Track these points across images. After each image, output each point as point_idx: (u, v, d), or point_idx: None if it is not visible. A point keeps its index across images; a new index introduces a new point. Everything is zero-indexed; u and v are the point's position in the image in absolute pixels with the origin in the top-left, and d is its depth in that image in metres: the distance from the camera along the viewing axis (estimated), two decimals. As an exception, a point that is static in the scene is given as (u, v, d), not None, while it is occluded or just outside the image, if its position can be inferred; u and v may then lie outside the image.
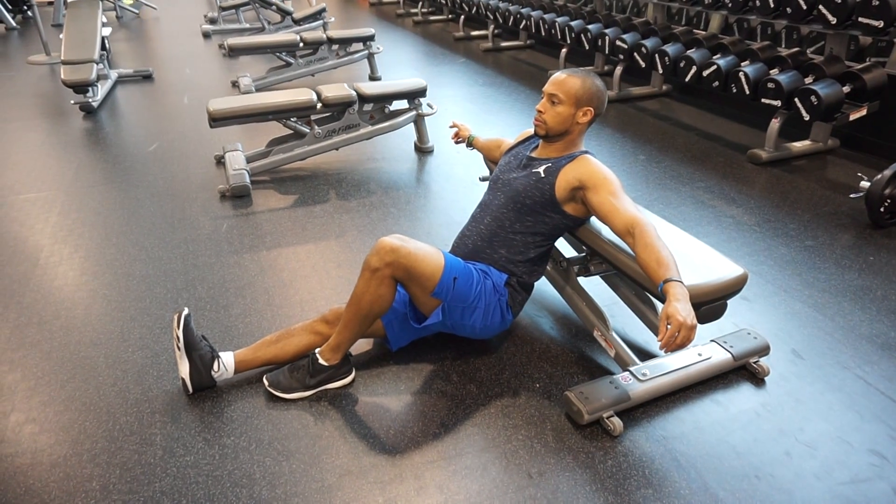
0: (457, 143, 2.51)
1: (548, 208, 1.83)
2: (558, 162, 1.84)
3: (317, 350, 1.82)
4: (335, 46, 5.42)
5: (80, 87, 4.55)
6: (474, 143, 2.43)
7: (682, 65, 3.97)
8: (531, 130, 2.00)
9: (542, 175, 1.83)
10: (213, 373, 1.80)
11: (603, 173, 1.76)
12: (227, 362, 1.83)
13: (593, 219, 1.92)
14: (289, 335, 1.89)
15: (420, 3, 9.08)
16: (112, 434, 1.69)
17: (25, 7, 8.98)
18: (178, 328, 1.77)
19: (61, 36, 4.94)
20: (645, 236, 1.59)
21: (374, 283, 1.68)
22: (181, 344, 1.77)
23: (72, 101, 4.68)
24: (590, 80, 1.82)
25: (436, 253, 1.75)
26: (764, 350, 1.90)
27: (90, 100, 4.65)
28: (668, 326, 1.40)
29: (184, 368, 1.78)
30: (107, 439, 1.68)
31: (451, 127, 2.54)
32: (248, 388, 1.85)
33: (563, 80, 1.82)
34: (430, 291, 1.73)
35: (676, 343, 1.39)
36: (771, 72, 3.51)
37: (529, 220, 1.85)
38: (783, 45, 4.41)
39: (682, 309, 1.41)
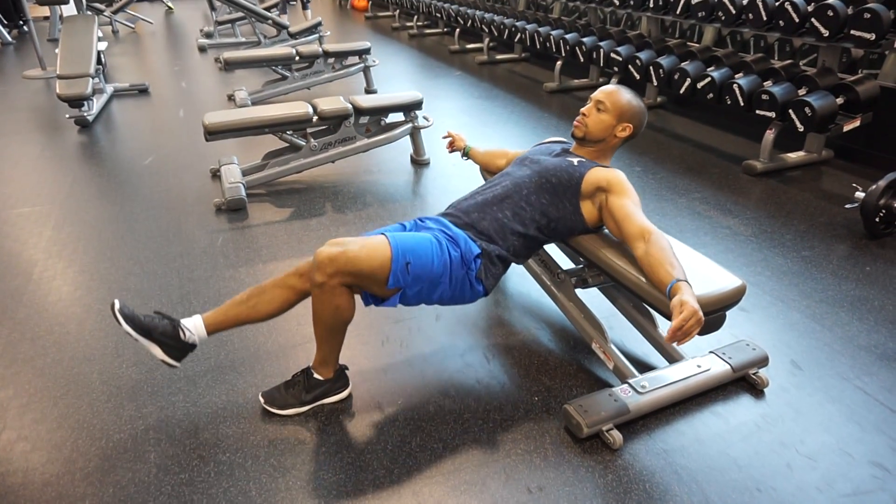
0: (451, 151, 2.51)
1: (568, 195, 1.83)
2: (592, 163, 1.89)
3: (310, 365, 1.80)
4: (331, 60, 5.44)
5: (76, 102, 4.55)
6: (471, 154, 2.42)
7: (676, 77, 4.00)
8: (556, 138, 2.08)
9: (575, 164, 1.87)
10: (183, 340, 1.73)
11: (628, 186, 1.81)
12: (193, 325, 1.75)
13: (592, 230, 1.91)
14: (260, 292, 1.78)
15: (415, 17, 9.14)
16: (105, 452, 1.67)
17: (21, 21, 9.00)
18: (123, 324, 1.69)
19: (57, 50, 4.94)
20: (660, 241, 1.62)
21: (327, 297, 1.62)
22: (136, 335, 1.70)
23: (67, 116, 4.68)
24: (637, 100, 1.90)
25: (379, 244, 1.64)
26: (763, 361, 1.90)
27: (85, 114, 4.64)
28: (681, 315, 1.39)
29: (156, 352, 1.71)
30: (100, 457, 1.65)
31: (444, 137, 2.53)
32: (243, 404, 1.83)
33: (613, 91, 1.89)
34: (386, 285, 1.64)
35: (685, 329, 1.38)
36: (765, 84, 3.54)
37: (546, 198, 1.84)
38: (776, 58, 4.44)
39: (693, 300, 1.43)
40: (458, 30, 7.46)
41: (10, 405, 1.85)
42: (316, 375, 1.78)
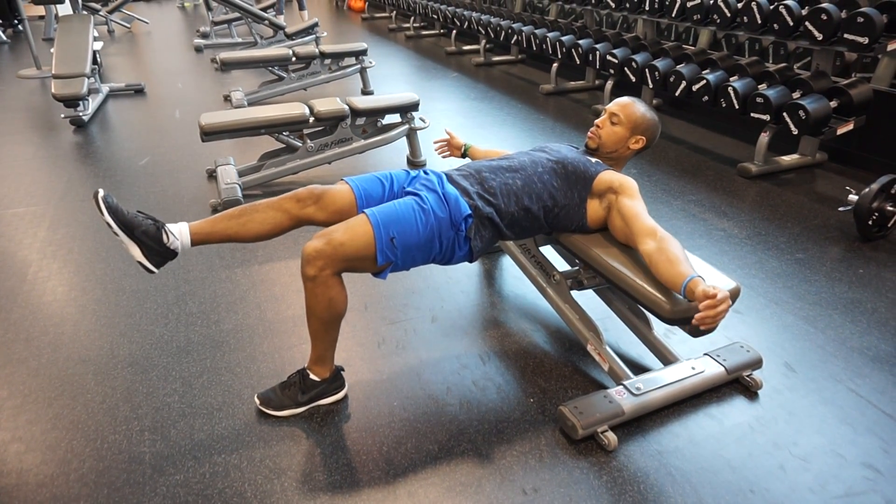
0: (444, 156, 2.49)
1: (579, 186, 1.85)
2: (607, 166, 1.92)
3: (306, 366, 1.80)
4: (327, 61, 5.44)
5: (71, 101, 4.53)
6: (471, 153, 2.40)
7: (671, 79, 4.01)
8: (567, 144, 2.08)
9: (593, 161, 1.90)
10: (166, 244, 1.69)
11: (638, 192, 1.83)
12: (179, 231, 1.72)
13: (586, 231, 1.92)
14: (253, 210, 1.76)
15: (412, 18, 9.15)
16: (100, 453, 1.67)
17: (16, 21, 8.97)
18: (105, 214, 1.63)
19: (52, 50, 4.93)
20: (674, 240, 1.64)
21: (320, 289, 1.62)
22: (116, 229, 1.64)
23: (62, 115, 4.67)
24: (650, 113, 1.94)
25: (360, 223, 1.64)
26: (757, 363, 1.91)
27: (81, 114, 4.63)
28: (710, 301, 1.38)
29: (134, 251, 1.66)
30: (95, 458, 1.65)
31: (436, 142, 2.49)
32: (239, 405, 1.83)
33: (628, 104, 1.93)
34: (376, 263, 1.65)
35: (718, 311, 1.36)
36: (759, 87, 3.55)
37: (557, 182, 1.85)
38: (771, 61, 4.47)
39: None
40: (454, 31, 7.47)
41: (5, 406, 1.84)
42: (312, 376, 1.78)
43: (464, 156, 2.42)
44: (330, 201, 1.83)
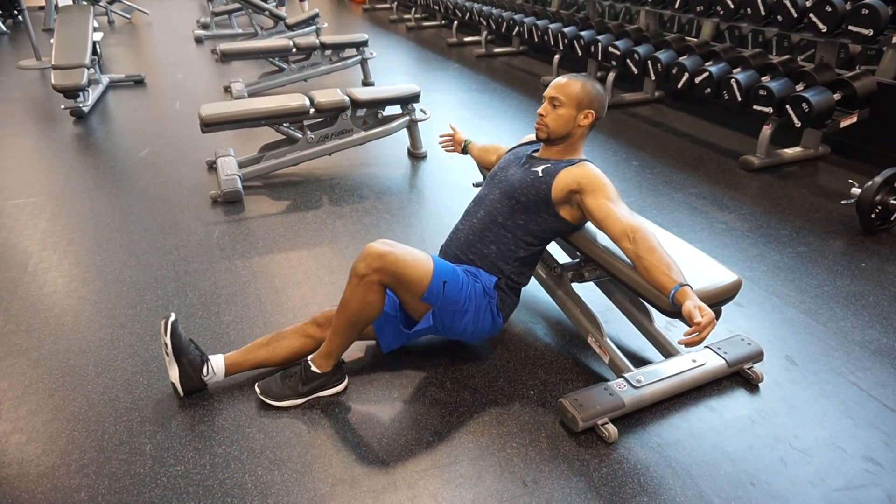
0: (447, 150, 2.48)
1: (542, 208, 1.83)
2: (557, 164, 1.84)
3: (309, 357, 1.80)
4: (328, 52, 5.41)
5: (71, 92, 4.52)
6: (469, 149, 2.41)
7: (674, 71, 3.99)
8: (533, 135, 2.01)
9: (540, 175, 1.83)
10: (202, 376, 1.79)
11: (601, 179, 1.77)
12: (216, 365, 1.82)
13: (588, 224, 1.91)
14: (279, 338, 1.88)
15: (413, 9, 9.10)
16: (101, 444, 1.67)
17: (16, 11, 8.92)
18: (166, 335, 1.77)
19: (52, 40, 4.91)
20: (647, 241, 1.61)
21: (363, 290, 1.66)
22: (170, 350, 1.76)
23: (62, 106, 4.65)
24: (590, 83, 1.84)
25: (424, 258, 1.73)
26: (758, 356, 1.90)
27: (81, 105, 4.61)
28: (699, 321, 1.42)
29: (174, 374, 1.77)
30: (95, 449, 1.65)
31: (442, 136, 2.49)
32: (239, 395, 1.83)
33: (564, 83, 1.84)
34: (420, 297, 1.71)
35: (703, 336, 1.41)
36: (762, 79, 3.53)
37: (523, 218, 1.84)
38: (774, 53, 4.44)
39: (705, 306, 1.46)
40: (455, 22, 7.43)
41: (5, 397, 1.84)
42: (314, 368, 1.78)
43: (464, 152, 2.42)
44: None
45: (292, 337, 1.88)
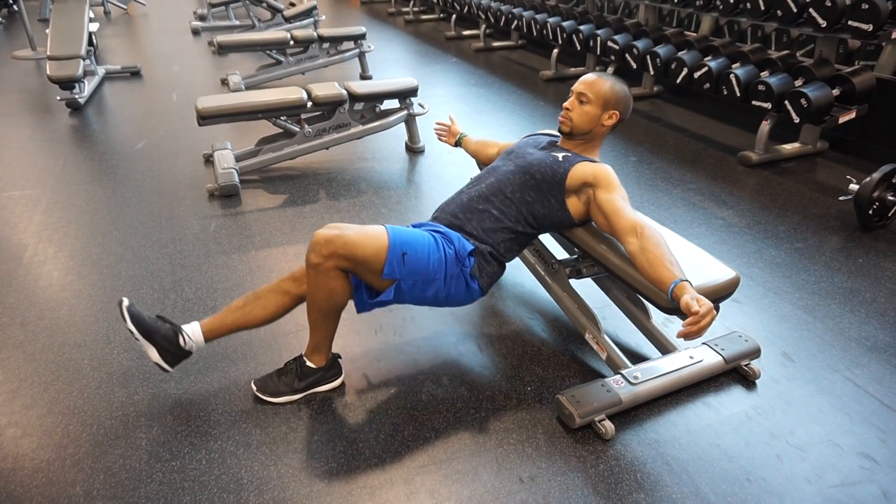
0: (440, 139, 2.46)
1: (552, 192, 1.81)
2: (577, 157, 1.85)
3: (303, 353, 1.79)
4: (326, 45, 5.39)
5: (67, 84, 4.49)
6: (463, 143, 2.38)
7: (673, 66, 3.98)
8: (546, 130, 2.02)
9: (560, 159, 1.84)
10: (182, 347, 1.75)
11: (616, 180, 1.78)
12: (192, 332, 1.76)
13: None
14: (255, 298, 1.80)
15: (411, 2, 9.06)
16: (96, 438, 1.66)
17: (11, 1, 8.85)
18: (128, 322, 1.70)
19: (47, 31, 4.87)
20: (654, 237, 1.60)
21: (322, 279, 1.62)
22: (138, 335, 1.71)
23: (58, 98, 4.62)
24: (619, 85, 1.86)
25: (377, 232, 1.64)
26: (755, 353, 1.90)
27: (77, 96, 4.59)
28: (697, 312, 1.37)
29: (153, 354, 1.73)
30: (91, 443, 1.65)
31: (438, 124, 2.48)
32: (235, 391, 1.83)
33: (594, 80, 1.85)
34: (380, 274, 1.63)
35: (701, 325, 1.36)
36: (761, 74, 3.52)
37: (531, 195, 1.82)
38: (773, 48, 4.43)
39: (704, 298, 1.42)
40: (454, 16, 7.40)
41: (0, 391, 1.83)
42: (309, 363, 1.78)
43: (456, 144, 2.40)
44: None
45: (268, 295, 1.80)
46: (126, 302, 1.73)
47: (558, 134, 1.99)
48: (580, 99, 1.86)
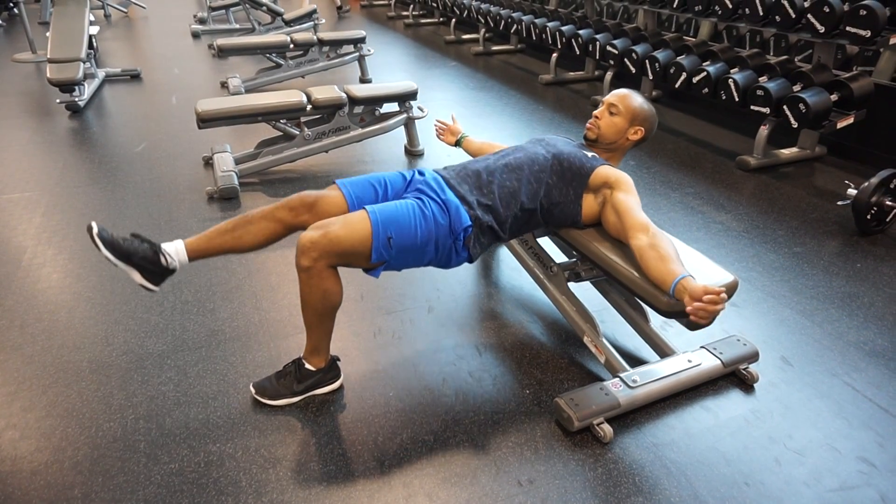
0: (440, 137, 2.46)
1: (574, 182, 1.83)
2: (604, 160, 1.89)
3: (301, 356, 1.80)
4: (325, 48, 5.40)
5: (67, 86, 4.50)
6: (465, 143, 2.38)
7: (671, 71, 3.99)
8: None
9: (589, 157, 1.87)
10: (163, 265, 1.72)
11: (634, 188, 1.81)
12: (175, 251, 1.74)
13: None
14: (247, 222, 1.78)
15: (411, 6, 9.08)
16: (95, 441, 1.66)
17: (11, 4, 8.87)
18: (103, 249, 1.67)
19: (48, 34, 4.88)
20: (665, 237, 1.63)
21: (315, 281, 1.62)
22: (115, 260, 1.68)
23: (58, 101, 4.62)
24: (647, 104, 1.94)
25: (359, 219, 1.63)
26: (753, 357, 1.91)
27: (76, 99, 4.59)
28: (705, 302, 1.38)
29: (135, 276, 1.71)
30: (89, 446, 1.64)
31: (440, 122, 2.48)
32: (234, 394, 1.83)
33: (626, 95, 1.92)
34: (369, 259, 1.64)
35: (714, 301, 1.36)
36: (760, 79, 3.54)
37: (554, 179, 1.83)
38: (772, 53, 4.45)
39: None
40: (453, 20, 7.42)
41: (-1, 393, 1.84)
42: (307, 366, 1.78)
43: (456, 144, 2.40)
44: (324, 209, 1.80)
45: (261, 222, 1.77)
46: (95, 228, 1.68)
47: (577, 141, 2.02)
48: (611, 110, 1.91)
